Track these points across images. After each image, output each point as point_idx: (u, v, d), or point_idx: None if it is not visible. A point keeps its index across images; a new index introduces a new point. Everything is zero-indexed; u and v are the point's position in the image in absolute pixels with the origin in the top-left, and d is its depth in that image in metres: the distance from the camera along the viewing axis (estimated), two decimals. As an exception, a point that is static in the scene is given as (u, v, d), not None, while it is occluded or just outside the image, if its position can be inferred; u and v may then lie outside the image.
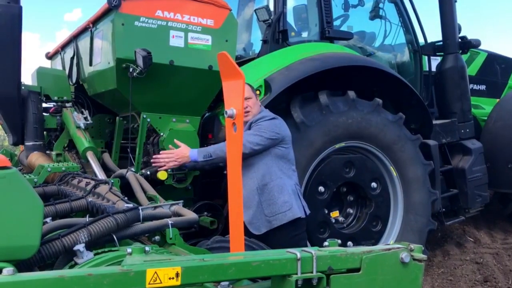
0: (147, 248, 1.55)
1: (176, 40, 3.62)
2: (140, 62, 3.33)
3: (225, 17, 3.80)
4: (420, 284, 1.79)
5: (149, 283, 1.38)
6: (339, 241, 1.85)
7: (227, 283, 1.74)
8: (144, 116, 3.71)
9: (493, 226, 6.23)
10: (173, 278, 1.41)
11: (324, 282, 1.61)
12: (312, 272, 1.59)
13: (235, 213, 1.92)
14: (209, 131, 4.06)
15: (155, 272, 1.39)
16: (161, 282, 1.40)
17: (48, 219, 2.50)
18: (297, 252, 1.59)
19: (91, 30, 3.96)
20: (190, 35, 3.68)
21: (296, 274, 1.57)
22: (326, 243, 1.84)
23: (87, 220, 2.22)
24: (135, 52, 3.36)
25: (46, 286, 1.26)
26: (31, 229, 1.73)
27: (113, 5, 3.36)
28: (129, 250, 1.53)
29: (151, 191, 3.20)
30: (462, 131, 5.40)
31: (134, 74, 3.41)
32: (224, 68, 1.91)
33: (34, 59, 22.68)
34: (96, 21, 3.87)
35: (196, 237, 3.72)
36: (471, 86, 6.21)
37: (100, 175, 3.46)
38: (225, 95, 1.89)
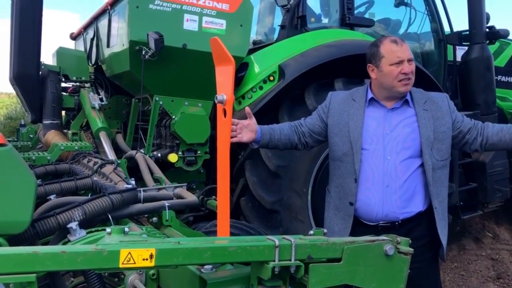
0: (126, 229, 1.57)
1: (190, 23, 3.63)
2: (152, 44, 3.36)
3: (241, 2, 3.79)
4: (404, 278, 1.77)
5: (122, 263, 1.41)
6: (325, 230, 1.84)
7: (210, 266, 1.76)
8: (157, 99, 3.75)
9: (515, 222, 6.07)
10: (147, 259, 1.43)
11: (302, 270, 1.60)
12: (290, 260, 1.59)
13: (222, 197, 1.93)
14: (222, 116, 4.06)
15: (129, 253, 1.42)
16: (134, 263, 1.42)
17: (52, 196, 2.58)
18: (276, 239, 1.59)
19: (109, 12, 4.01)
20: (205, 19, 3.68)
21: (274, 261, 1.57)
22: (311, 232, 1.83)
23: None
24: (147, 35, 3.39)
25: (20, 261, 1.30)
26: (22, 205, 1.78)
27: (127, -13, 3.39)
28: (108, 230, 1.56)
29: (158, 173, 3.25)
30: (485, 124, 5.22)
31: (147, 56, 3.44)
32: (216, 54, 1.91)
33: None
34: (113, 3, 3.92)
35: (205, 221, 3.76)
36: (499, 77, 6.02)
37: (110, 155, 3.52)
38: (217, 80, 1.90)
